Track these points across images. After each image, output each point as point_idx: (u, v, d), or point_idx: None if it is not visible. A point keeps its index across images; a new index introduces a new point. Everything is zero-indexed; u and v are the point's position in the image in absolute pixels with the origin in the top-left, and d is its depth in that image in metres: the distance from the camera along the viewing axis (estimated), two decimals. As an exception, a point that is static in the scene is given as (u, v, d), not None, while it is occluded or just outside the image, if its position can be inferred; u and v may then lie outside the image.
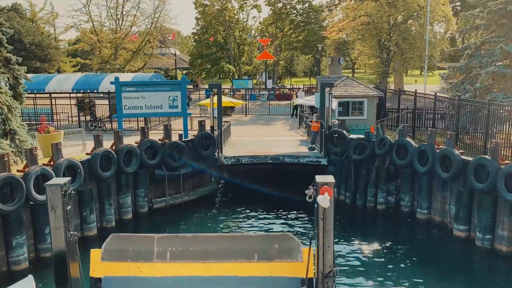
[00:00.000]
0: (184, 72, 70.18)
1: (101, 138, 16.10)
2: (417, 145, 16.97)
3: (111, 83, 20.33)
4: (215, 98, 20.81)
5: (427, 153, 16.30)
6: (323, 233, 8.51)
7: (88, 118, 28.29)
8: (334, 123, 22.09)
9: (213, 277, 9.21)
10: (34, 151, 13.65)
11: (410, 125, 25.88)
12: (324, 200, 8.16)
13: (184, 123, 20.37)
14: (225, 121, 25.33)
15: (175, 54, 46.36)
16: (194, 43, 67.07)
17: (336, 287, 8.74)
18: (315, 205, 8.57)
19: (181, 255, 9.52)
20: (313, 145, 21.49)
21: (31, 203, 13.19)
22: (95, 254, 9.53)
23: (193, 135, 19.70)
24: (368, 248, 15.27)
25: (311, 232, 9.18)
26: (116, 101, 19.68)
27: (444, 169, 15.67)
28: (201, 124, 19.63)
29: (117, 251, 9.55)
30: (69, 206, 8.77)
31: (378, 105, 26.83)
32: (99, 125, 27.30)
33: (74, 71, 65.68)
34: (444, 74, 26.91)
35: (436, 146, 16.37)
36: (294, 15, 59.34)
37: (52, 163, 14.33)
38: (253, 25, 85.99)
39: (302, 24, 57.79)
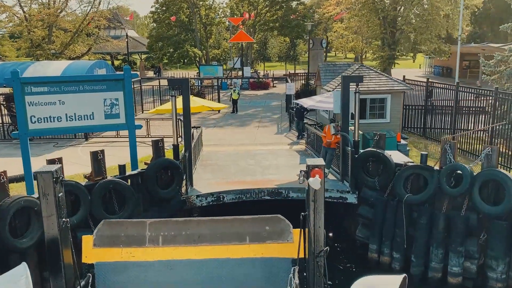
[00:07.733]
0: (144, 57, 61.38)
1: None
2: (524, 184, 10.19)
3: (6, 79, 12.42)
4: (180, 100, 13.40)
5: (548, 200, 9.57)
6: (314, 214, 8.62)
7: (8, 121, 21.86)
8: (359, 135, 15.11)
9: (205, 260, 9.20)
10: None
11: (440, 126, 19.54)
12: (315, 182, 8.34)
13: (131, 144, 12.58)
14: (194, 127, 18.04)
15: (127, 35, 37.91)
16: (153, 24, 58.08)
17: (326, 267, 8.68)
18: (306, 188, 8.67)
19: (173, 239, 9.42)
20: (328, 170, 14.51)
21: None
22: (87, 240, 9.35)
23: (145, 163, 12.27)
24: None
25: (302, 213, 8.62)
26: (16, 110, 11.81)
27: None
28: (157, 146, 12.15)
29: (109, 236, 9.40)
30: (61, 193, 8.57)
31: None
32: None
33: (16, 57, 55.59)
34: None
35: (560, 186, 9.68)
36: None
37: None
38: (222, 3, 77.95)
39: (279, 1, 49.97)
